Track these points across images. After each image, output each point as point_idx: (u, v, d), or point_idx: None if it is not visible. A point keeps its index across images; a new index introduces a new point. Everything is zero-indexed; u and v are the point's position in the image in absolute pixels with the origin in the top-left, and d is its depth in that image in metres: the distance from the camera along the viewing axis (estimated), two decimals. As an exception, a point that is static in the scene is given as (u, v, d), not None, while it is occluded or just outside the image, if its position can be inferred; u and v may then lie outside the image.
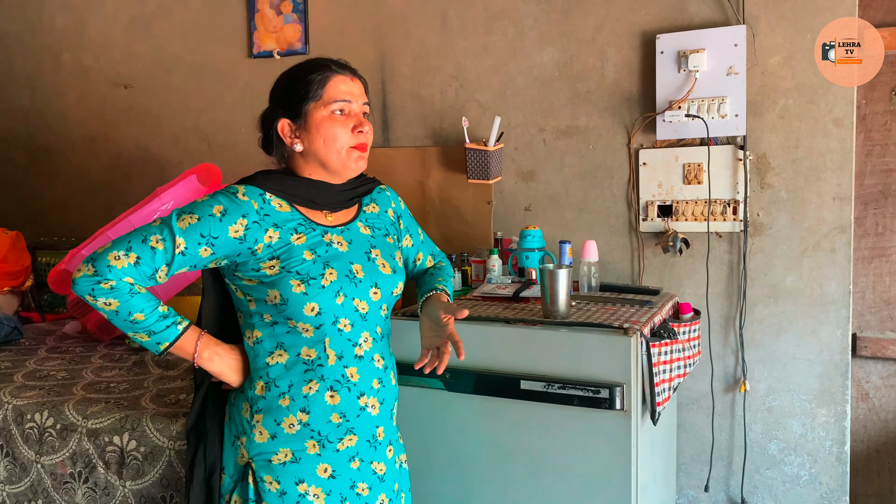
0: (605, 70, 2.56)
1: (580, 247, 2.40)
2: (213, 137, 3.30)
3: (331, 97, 1.48)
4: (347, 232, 1.55)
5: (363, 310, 1.51)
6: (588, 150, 2.61)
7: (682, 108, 2.40)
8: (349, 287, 1.48)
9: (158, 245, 1.41)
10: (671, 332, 1.99)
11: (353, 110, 1.50)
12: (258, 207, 1.46)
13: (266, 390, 1.48)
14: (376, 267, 1.54)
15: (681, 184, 2.47)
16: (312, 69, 1.50)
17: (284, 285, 1.43)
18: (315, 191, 1.53)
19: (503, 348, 1.92)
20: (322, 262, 1.47)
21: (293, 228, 1.48)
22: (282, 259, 1.45)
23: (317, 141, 1.49)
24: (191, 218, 1.42)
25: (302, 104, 1.48)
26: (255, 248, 1.45)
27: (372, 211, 1.64)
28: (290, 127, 1.51)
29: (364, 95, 1.53)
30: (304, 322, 1.45)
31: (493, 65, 2.73)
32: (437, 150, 2.83)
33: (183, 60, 3.32)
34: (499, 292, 2.26)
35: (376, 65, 2.93)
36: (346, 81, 1.50)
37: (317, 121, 1.48)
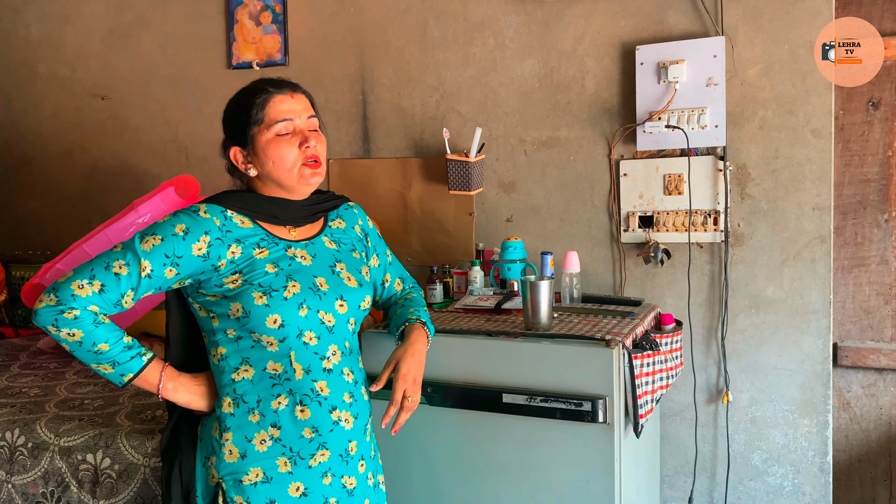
0: (586, 81, 2.57)
1: (562, 258, 2.40)
2: (192, 149, 3.28)
3: (272, 118, 1.49)
4: (312, 246, 1.55)
5: (329, 322, 1.50)
6: (569, 161, 2.62)
7: (662, 119, 2.40)
8: (313, 299, 1.48)
9: (122, 270, 1.40)
10: (653, 343, 1.99)
11: (298, 126, 1.51)
12: (220, 224, 1.46)
13: (234, 406, 1.47)
14: (341, 280, 1.54)
15: (662, 194, 2.47)
16: (252, 94, 1.51)
17: (246, 298, 1.43)
18: (277, 207, 1.53)
19: (485, 361, 1.91)
20: (285, 275, 1.47)
21: (255, 243, 1.48)
22: (244, 273, 1.45)
23: (267, 164, 1.50)
24: (154, 239, 1.42)
25: (246, 130, 1.50)
26: (219, 265, 1.45)
27: (338, 226, 1.64)
28: (241, 154, 1.53)
29: (309, 109, 1.54)
30: (267, 335, 1.45)
31: (473, 76, 2.74)
32: (419, 161, 2.83)
33: (161, 71, 3.30)
34: (480, 304, 2.25)
35: (356, 76, 2.92)
36: (285, 100, 1.51)
37: (262, 144, 1.49)
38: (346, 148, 2.97)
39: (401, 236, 2.85)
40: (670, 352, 2.11)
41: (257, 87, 1.51)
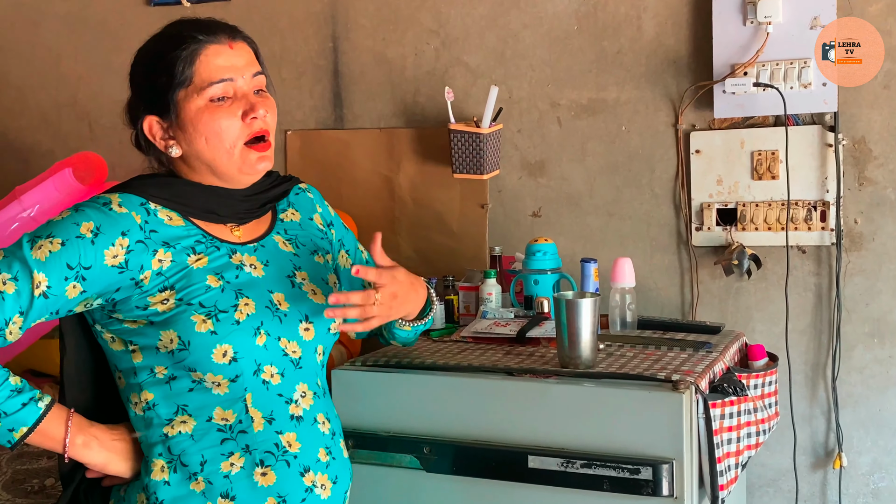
0: (643, 22, 2.56)
1: (610, 267, 2.39)
2: (97, 116, 3.26)
3: (204, 79, 1.47)
4: (262, 250, 1.56)
5: (294, 353, 1.51)
6: (620, 133, 2.61)
7: (749, 74, 2.40)
8: (272, 323, 1.48)
9: (7, 287, 1.38)
10: (738, 385, 1.98)
11: (240, 89, 1.50)
12: (141, 221, 1.46)
13: (170, 471, 1.46)
14: (304, 294, 1.54)
15: (749, 179, 2.47)
16: (175, 42, 1.49)
17: (184, 323, 1.43)
18: (214, 198, 1.53)
19: (504, 411, 1.91)
20: (233, 289, 1.47)
21: (190, 247, 1.48)
22: (177, 289, 1.45)
23: (197, 141, 1.49)
24: (50, 244, 1.40)
25: (167, 94, 1.48)
26: (141, 278, 1.44)
27: (292, 219, 1.65)
28: (160, 126, 1.51)
29: (254, 63, 1.53)
30: (214, 373, 1.44)
31: (487, 14, 2.72)
32: (410, 132, 2.82)
33: (54, 8, 3.29)
34: (497, 331, 2.24)
35: (325, 15, 2.91)
36: (222, 52, 1.49)
37: (191, 114, 1.48)
38: (309, 115, 2.96)
39: (386, 237, 2.77)
40: (761, 397, 2.10)
41: (182, 34, 1.49)
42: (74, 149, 3.18)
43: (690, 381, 1.84)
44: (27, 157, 3.35)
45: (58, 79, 3.31)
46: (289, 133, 2.98)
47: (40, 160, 3.28)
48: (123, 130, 3.54)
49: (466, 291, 2.53)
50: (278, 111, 3.02)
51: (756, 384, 2.09)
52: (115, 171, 3.03)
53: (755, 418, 2.03)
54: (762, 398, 2.10)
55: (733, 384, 1.98)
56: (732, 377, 2.01)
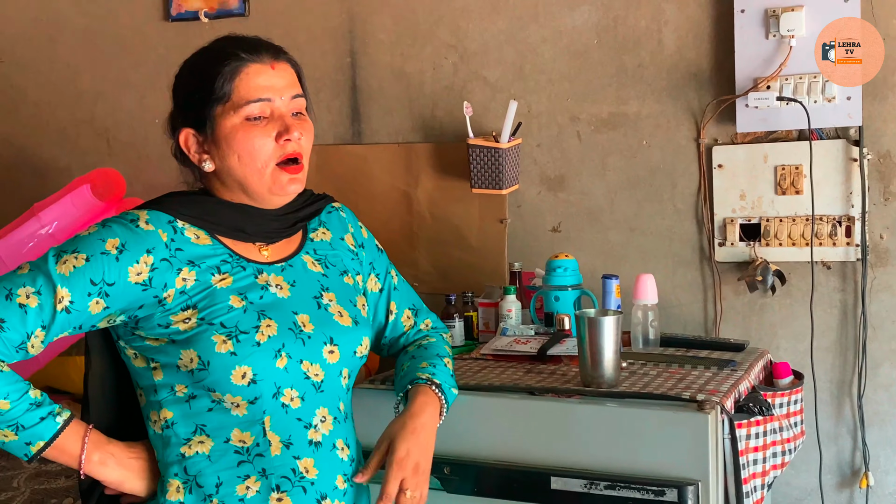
0: (664, 35, 2.56)
1: (632, 283, 2.38)
2: (115, 132, 3.28)
3: (242, 97, 1.49)
4: (289, 270, 1.56)
5: (317, 376, 1.50)
6: (641, 148, 2.61)
7: (772, 87, 2.40)
8: (294, 345, 1.48)
9: (30, 301, 1.39)
10: (764, 405, 1.97)
11: (277, 110, 1.51)
12: (168, 240, 1.47)
13: (185, 492, 1.47)
14: (330, 317, 1.54)
15: (772, 194, 2.47)
16: (218, 57, 1.50)
17: (204, 343, 1.43)
18: (243, 216, 1.54)
19: (525, 431, 1.90)
20: (256, 310, 1.47)
21: (215, 267, 1.49)
22: (200, 308, 1.45)
23: (230, 158, 1.50)
24: (75, 259, 1.42)
25: (205, 108, 1.50)
26: (164, 296, 1.45)
27: (322, 239, 1.65)
28: (195, 139, 1.53)
29: (295, 85, 1.54)
30: (233, 394, 1.44)
31: (505, 29, 2.73)
32: (429, 147, 2.82)
33: (73, 24, 3.31)
34: (518, 349, 2.24)
35: (342, 30, 2.92)
36: (263, 72, 1.51)
37: (226, 131, 1.49)
38: (327, 130, 2.97)
39: (404, 252, 2.83)
40: (787, 416, 2.09)
41: (226, 50, 1.51)
42: (92, 165, 3.21)
43: (716, 401, 1.82)
44: (45, 173, 3.36)
45: (75, 95, 3.33)
46: (306, 148, 2.98)
47: (58, 177, 3.30)
48: (141, 146, 3.58)
49: (486, 308, 2.52)
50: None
51: (781, 403, 2.08)
52: (133, 187, 3.05)
53: (781, 438, 2.01)
54: (787, 417, 2.08)
55: (759, 403, 1.96)
56: (758, 396, 2.00)
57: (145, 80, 3.22)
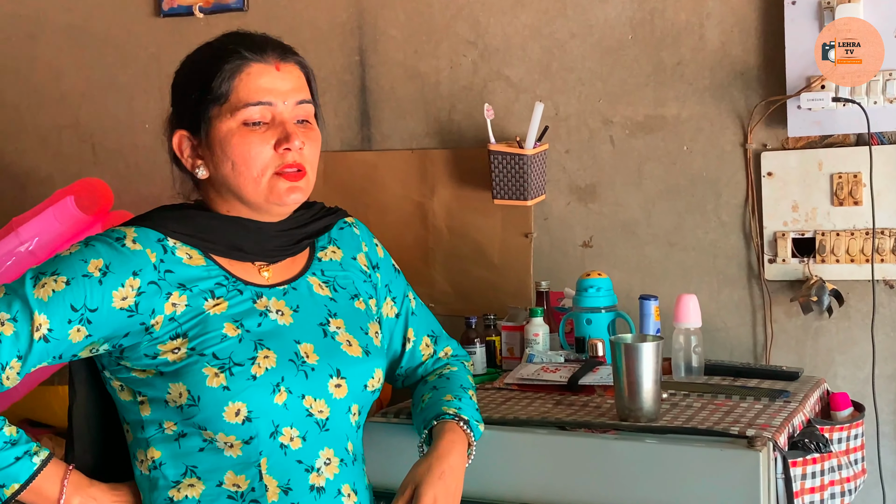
0: (706, 30, 2.56)
1: (672, 304, 2.37)
2: (101, 138, 3.29)
3: (241, 99, 1.49)
4: (293, 294, 1.56)
5: (321, 414, 1.50)
6: (681, 154, 2.61)
7: (826, 87, 2.39)
8: (295, 378, 1.47)
9: (5, 329, 1.40)
10: (821, 440, 1.95)
11: (279, 115, 1.51)
12: (156, 260, 1.47)
13: None
14: (337, 346, 1.54)
15: (827, 205, 2.46)
16: (219, 55, 1.51)
17: (194, 376, 1.43)
18: (241, 232, 1.54)
19: (554, 470, 1.89)
20: (252, 339, 1.47)
21: (209, 290, 1.49)
22: (191, 337, 1.45)
23: (224, 165, 1.50)
24: (55, 282, 1.42)
25: (200, 108, 1.50)
26: (152, 324, 1.45)
27: (332, 258, 1.65)
28: (189, 142, 1.53)
29: (302, 90, 1.55)
30: (226, 433, 1.44)
31: (530, 23, 2.73)
32: (446, 154, 2.83)
33: (55, 20, 3.33)
34: (546, 378, 2.23)
35: (351, 25, 2.93)
36: (266, 72, 1.51)
37: (221, 135, 1.50)
38: (333, 135, 2.97)
39: (419, 270, 2.83)
40: (846, 453, 2.07)
41: (227, 47, 1.52)
42: (76, 175, 3.21)
43: (767, 437, 1.80)
44: (24, 183, 3.38)
45: (58, 97, 3.34)
46: (311, 155, 2.98)
47: (39, 187, 3.31)
48: (130, 154, 3.57)
49: (510, 332, 2.52)
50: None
51: (840, 438, 2.06)
52: (121, 198, 3.05)
53: (840, 477, 1.99)
54: (847, 454, 2.07)
55: (815, 439, 1.94)
56: (814, 431, 1.97)
57: (134, 82, 3.23)
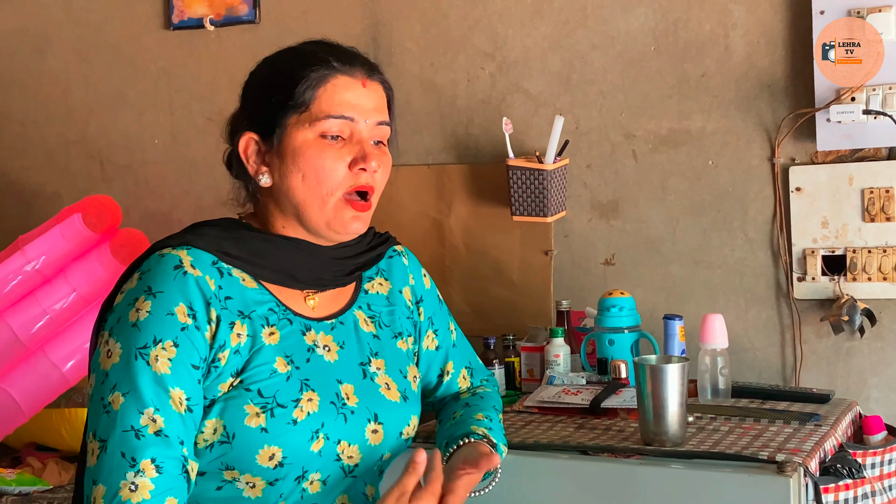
0: (731, 41, 2.56)
1: (698, 324, 2.36)
2: (109, 154, 3.31)
3: (323, 110, 1.45)
4: (340, 329, 1.51)
5: (350, 460, 1.45)
6: (706, 168, 2.60)
7: (857, 99, 2.39)
8: (335, 423, 1.42)
9: (156, 423, 1.33)
10: (854, 465, 1.94)
11: (358, 133, 1.48)
12: (216, 287, 1.41)
13: None
14: (376, 388, 1.49)
15: (859, 221, 2.46)
16: (305, 60, 1.48)
17: (234, 411, 1.37)
18: (297, 257, 1.48)
19: (576, 496, 1.89)
20: (299, 379, 1.42)
21: (264, 317, 1.44)
22: (244, 368, 1.39)
23: (292, 176, 1.45)
24: (164, 350, 1.34)
25: (278, 113, 1.46)
26: (219, 357, 1.39)
27: (378, 291, 1.60)
28: (257, 146, 1.49)
29: (383, 110, 1.51)
30: (252, 474, 1.39)
31: (549, 35, 2.74)
32: (463, 169, 2.83)
33: (63, 34, 3.35)
34: (567, 400, 2.22)
35: (365, 38, 2.94)
36: (353, 86, 1.48)
37: (296, 144, 1.45)
38: (348, 150, 2.97)
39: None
40: (880, 478, 2.05)
41: (316, 54, 1.48)
42: (84, 191, 3.22)
43: (798, 462, 1.79)
44: (31, 200, 3.39)
45: (66, 112, 3.36)
46: (324, 171, 2.98)
47: (46, 204, 3.33)
48: (139, 170, 3.58)
49: (529, 353, 2.52)
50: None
51: (874, 463, 2.04)
52: (130, 215, 3.06)
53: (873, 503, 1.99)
54: (881, 479, 2.05)
55: (848, 464, 1.93)
56: (847, 456, 1.97)
57: (143, 96, 3.24)
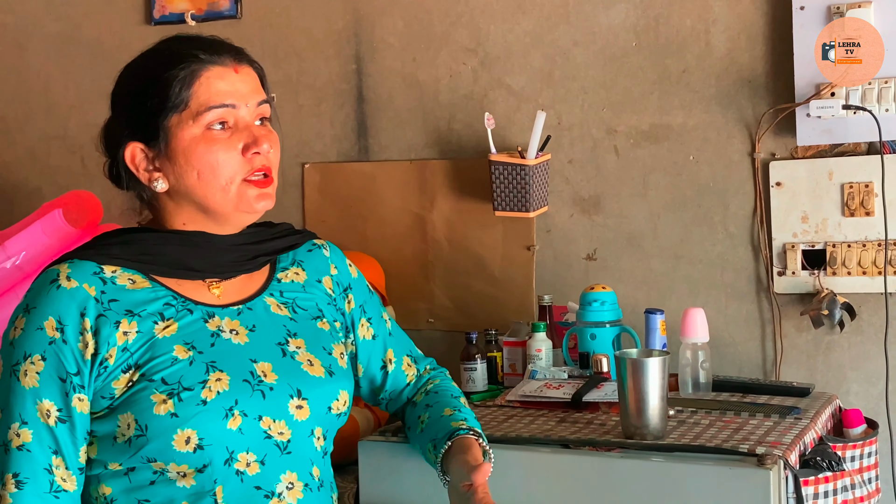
0: (712, 37, 2.56)
1: (678, 319, 2.37)
2: (90, 149, 3.14)
3: (202, 103, 1.46)
4: (248, 314, 1.52)
5: (281, 436, 1.45)
6: (687, 164, 2.61)
7: (836, 94, 2.39)
8: (251, 400, 1.43)
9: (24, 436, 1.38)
10: (833, 458, 1.95)
11: (242, 120, 1.49)
12: (97, 293, 1.43)
13: None
14: (297, 365, 1.50)
15: (838, 216, 2.46)
16: (171, 59, 1.48)
17: (141, 403, 1.39)
18: (189, 250, 1.50)
19: (558, 489, 1.88)
20: (204, 361, 1.43)
21: (157, 313, 1.45)
22: (141, 364, 1.42)
23: (188, 175, 1.47)
24: (32, 364, 1.39)
25: (158, 118, 1.47)
26: (106, 357, 1.41)
27: (293, 280, 1.61)
28: (144, 154, 1.49)
29: (259, 91, 1.53)
30: (177, 462, 1.40)
31: (532, 30, 2.74)
32: (445, 165, 2.83)
33: (44, 29, 3.34)
34: (549, 394, 2.23)
35: (347, 33, 2.93)
36: (226, 74, 1.48)
37: (185, 143, 1.46)
38: (330, 145, 2.97)
39: (418, 284, 2.84)
40: (859, 471, 2.07)
41: (181, 52, 1.49)
42: (65, 187, 3.21)
43: (778, 455, 1.80)
44: (12, 196, 3.38)
45: (46, 108, 3.35)
46: (307, 166, 2.98)
47: (27, 200, 3.31)
48: (120, 166, 3.50)
49: (511, 347, 2.52)
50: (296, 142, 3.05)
51: (853, 456, 2.06)
52: (111, 210, 3.04)
53: (853, 496, 2.00)
54: (860, 472, 2.06)
55: (827, 457, 1.94)
56: (826, 449, 1.98)
57: (125, 91, 3.23)
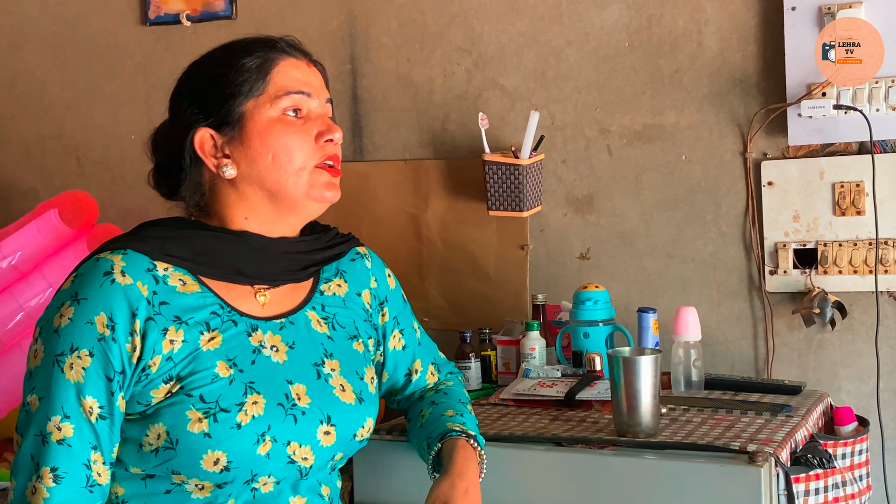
0: (704, 36, 2.57)
1: (671, 317, 2.37)
2: (86, 150, 3.30)
3: (279, 88, 1.47)
4: (289, 328, 1.50)
5: (304, 462, 1.44)
6: (679, 163, 2.61)
7: (828, 94, 2.40)
8: (282, 425, 1.42)
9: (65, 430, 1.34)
10: (824, 456, 1.95)
11: (314, 111, 1.50)
12: (149, 293, 1.39)
13: None
14: (330, 390, 1.49)
15: (830, 215, 2.46)
16: (246, 49, 1.49)
17: (176, 417, 1.37)
18: (244, 252, 1.47)
19: (551, 487, 1.89)
20: (243, 382, 1.41)
21: (204, 322, 1.43)
22: (182, 377, 1.39)
23: (262, 158, 1.45)
24: (79, 358, 1.35)
25: (233, 103, 1.46)
26: (150, 364, 1.38)
27: (335, 293, 1.59)
28: (213, 140, 1.47)
29: (326, 90, 1.54)
30: (200, 479, 1.39)
31: (525, 31, 2.74)
32: (439, 164, 2.83)
33: (39, 29, 3.34)
34: (542, 392, 2.23)
35: (342, 33, 2.94)
36: (300, 66, 1.50)
37: (261, 126, 1.45)
38: (325, 145, 2.97)
39: (412, 284, 2.83)
40: (850, 469, 2.07)
41: (255, 43, 1.50)
42: (61, 187, 3.22)
43: (769, 452, 1.80)
44: (7, 196, 3.37)
45: (42, 108, 3.34)
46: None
47: (22, 200, 3.31)
48: (116, 166, 3.57)
49: (505, 346, 2.52)
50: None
51: (844, 453, 2.07)
52: (107, 211, 3.05)
53: (844, 493, 1.99)
54: (851, 469, 2.07)
55: (818, 454, 1.94)
56: (817, 446, 1.98)
57: (120, 92, 3.23)
